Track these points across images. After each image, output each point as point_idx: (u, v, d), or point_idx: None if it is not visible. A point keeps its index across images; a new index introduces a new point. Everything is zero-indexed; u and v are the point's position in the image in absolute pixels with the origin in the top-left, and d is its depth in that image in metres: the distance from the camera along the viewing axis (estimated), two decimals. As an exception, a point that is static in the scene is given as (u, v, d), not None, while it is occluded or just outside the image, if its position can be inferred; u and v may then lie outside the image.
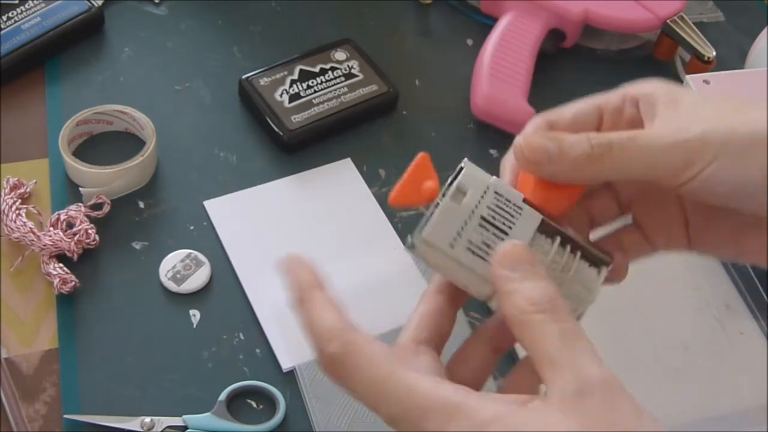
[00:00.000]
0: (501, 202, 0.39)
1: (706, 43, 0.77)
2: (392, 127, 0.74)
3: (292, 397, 0.57)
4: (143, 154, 0.66)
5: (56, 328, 0.59)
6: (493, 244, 0.38)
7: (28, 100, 0.72)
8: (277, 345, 0.59)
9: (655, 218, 0.44)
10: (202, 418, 0.55)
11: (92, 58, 0.76)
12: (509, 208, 0.39)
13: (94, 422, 0.54)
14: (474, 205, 0.38)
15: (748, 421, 0.58)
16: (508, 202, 0.39)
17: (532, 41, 0.76)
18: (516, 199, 0.39)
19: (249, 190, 0.68)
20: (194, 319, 0.61)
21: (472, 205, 0.38)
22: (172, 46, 0.78)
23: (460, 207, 0.38)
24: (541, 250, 0.39)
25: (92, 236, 0.62)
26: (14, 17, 0.73)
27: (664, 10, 0.78)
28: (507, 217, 0.39)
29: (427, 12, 0.84)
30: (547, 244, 0.39)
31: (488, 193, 0.39)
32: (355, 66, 0.74)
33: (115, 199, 0.65)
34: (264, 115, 0.71)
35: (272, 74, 0.73)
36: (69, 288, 0.60)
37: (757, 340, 0.62)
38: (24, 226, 0.61)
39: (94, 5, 0.76)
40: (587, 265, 0.40)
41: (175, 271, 0.62)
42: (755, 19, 0.86)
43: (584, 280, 0.40)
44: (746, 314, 0.63)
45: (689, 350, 0.61)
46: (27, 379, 0.56)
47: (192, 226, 0.66)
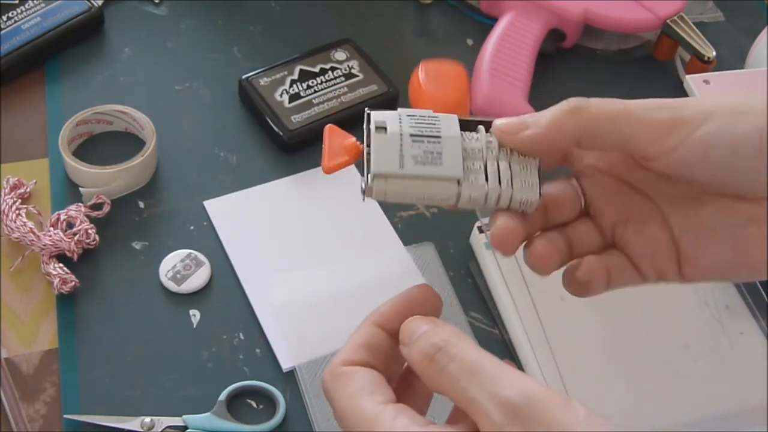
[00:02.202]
0: (417, 119, 0.41)
1: (706, 43, 0.77)
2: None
3: (292, 397, 0.57)
4: (143, 154, 0.66)
5: (56, 328, 0.59)
6: (433, 149, 0.40)
7: (28, 100, 0.72)
8: (277, 345, 0.59)
9: (639, 241, 0.42)
10: (202, 418, 0.55)
11: (92, 58, 0.76)
12: (428, 121, 0.41)
13: (94, 422, 0.54)
14: (398, 130, 0.40)
15: (748, 421, 0.58)
16: (422, 117, 0.41)
17: (532, 41, 0.76)
18: (426, 113, 0.42)
19: (249, 190, 0.68)
20: (194, 319, 0.61)
21: (397, 130, 0.40)
22: (172, 46, 0.78)
23: (388, 135, 0.40)
24: (471, 136, 0.41)
25: (92, 236, 0.62)
26: (14, 17, 0.74)
27: (664, 10, 0.78)
28: (431, 126, 0.41)
29: (427, 12, 0.84)
30: (472, 137, 0.41)
31: (403, 118, 0.41)
32: (355, 66, 0.74)
33: (115, 199, 0.65)
34: (264, 115, 0.71)
35: (272, 74, 0.73)
36: (69, 288, 0.60)
37: (757, 340, 0.62)
38: (24, 226, 0.61)
39: (94, 5, 0.76)
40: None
41: (175, 271, 0.62)
42: (755, 19, 0.86)
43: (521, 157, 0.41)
44: (746, 314, 0.63)
45: (689, 350, 0.61)
46: (27, 379, 0.56)
47: (192, 226, 0.66)
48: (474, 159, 0.40)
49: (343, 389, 0.38)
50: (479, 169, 0.40)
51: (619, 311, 0.62)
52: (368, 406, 0.36)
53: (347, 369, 0.39)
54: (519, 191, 0.40)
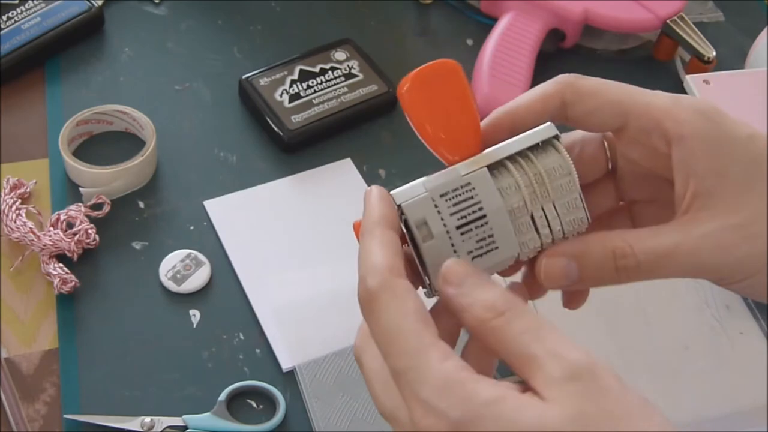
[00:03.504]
0: (452, 197, 0.38)
1: (706, 43, 0.77)
2: (392, 127, 0.74)
3: (292, 397, 0.57)
4: (143, 154, 0.66)
5: (56, 328, 0.59)
6: (484, 234, 0.38)
7: (28, 100, 0.72)
8: (277, 345, 0.59)
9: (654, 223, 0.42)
10: (202, 418, 0.55)
11: (92, 58, 0.76)
12: (464, 195, 0.38)
13: (94, 422, 0.54)
14: (443, 227, 0.37)
15: (748, 421, 0.58)
16: (455, 191, 0.38)
17: (532, 41, 0.76)
18: (456, 181, 0.38)
19: (249, 190, 0.68)
20: (194, 319, 0.61)
21: (442, 228, 0.37)
22: (172, 46, 0.78)
23: (436, 239, 0.37)
24: (508, 185, 0.38)
25: (92, 236, 0.62)
26: (14, 17, 0.73)
27: (664, 10, 0.78)
28: (471, 202, 0.38)
29: (427, 12, 0.84)
30: (507, 176, 0.39)
31: (439, 204, 0.38)
32: (355, 66, 0.74)
33: (115, 199, 0.65)
34: (264, 115, 0.71)
35: (272, 74, 0.73)
36: (69, 288, 0.60)
37: (757, 340, 0.62)
38: (24, 226, 0.61)
39: (94, 5, 0.76)
40: (544, 155, 0.39)
41: (175, 271, 0.62)
42: (755, 19, 0.86)
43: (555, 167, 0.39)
44: (746, 314, 0.63)
45: (689, 350, 0.61)
46: (27, 379, 0.56)
47: (192, 226, 0.66)
48: (520, 216, 0.39)
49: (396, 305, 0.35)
50: (528, 226, 0.39)
51: (619, 311, 0.62)
52: (423, 334, 0.34)
53: (403, 283, 0.35)
54: (568, 225, 0.39)
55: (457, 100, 0.39)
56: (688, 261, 0.38)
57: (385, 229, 0.37)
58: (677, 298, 0.63)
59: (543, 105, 0.40)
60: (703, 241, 0.37)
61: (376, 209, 0.38)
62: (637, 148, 0.41)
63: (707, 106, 0.39)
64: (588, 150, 0.43)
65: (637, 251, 0.38)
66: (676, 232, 0.38)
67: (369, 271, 0.36)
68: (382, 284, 0.35)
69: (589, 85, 0.40)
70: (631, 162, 0.42)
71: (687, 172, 0.38)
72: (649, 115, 0.39)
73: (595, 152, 0.43)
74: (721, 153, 0.38)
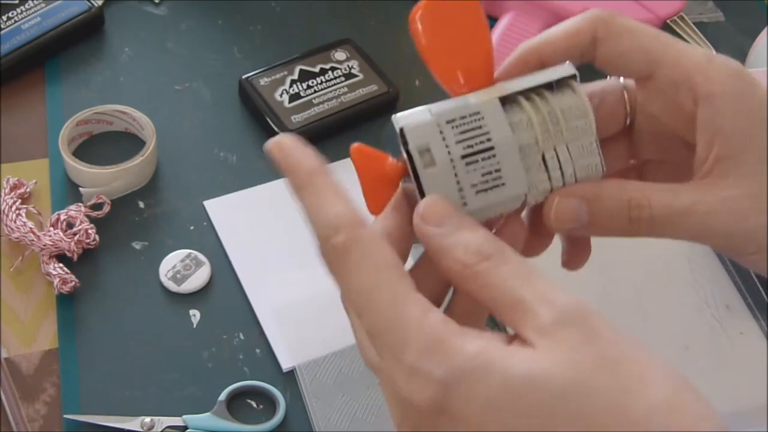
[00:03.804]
0: (460, 124, 0.35)
1: (706, 43, 0.77)
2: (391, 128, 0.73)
3: (292, 397, 0.57)
4: (143, 154, 0.66)
5: (56, 328, 0.59)
6: (491, 167, 0.35)
7: (28, 100, 0.72)
8: (277, 345, 0.59)
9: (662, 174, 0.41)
10: (202, 418, 0.55)
11: (92, 58, 0.76)
12: (472, 124, 0.35)
13: (94, 422, 0.54)
14: (447, 156, 0.35)
15: (748, 421, 0.58)
16: (464, 119, 0.35)
17: (532, 41, 0.76)
18: (463, 108, 0.35)
19: (249, 190, 0.68)
20: (194, 319, 0.61)
21: (446, 157, 0.35)
22: (172, 46, 0.78)
23: (438, 167, 0.35)
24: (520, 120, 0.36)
25: (92, 236, 0.62)
26: (14, 17, 0.73)
27: (664, 10, 0.78)
28: (478, 132, 0.35)
29: (427, 12, 0.84)
30: (519, 112, 0.36)
31: (444, 130, 0.35)
32: (355, 66, 0.74)
33: (115, 199, 0.65)
34: (264, 115, 0.71)
35: (272, 74, 0.73)
36: (69, 288, 0.60)
37: (757, 340, 0.62)
38: (24, 226, 0.61)
39: (94, 5, 0.76)
40: (561, 95, 0.37)
41: (175, 271, 0.62)
42: (755, 19, 0.86)
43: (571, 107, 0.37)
44: (746, 314, 0.63)
45: (689, 350, 0.61)
46: (27, 379, 0.56)
47: (192, 226, 0.66)
48: (531, 155, 0.36)
49: (371, 259, 0.32)
50: (539, 166, 0.36)
51: (618, 311, 0.62)
52: (398, 286, 0.32)
53: (368, 233, 0.33)
54: (581, 170, 0.37)
55: (471, 32, 0.37)
56: (702, 223, 0.36)
57: (325, 177, 0.34)
58: (677, 298, 0.63)
59: (574, 40, 0.38)
60: (722, 206, 0.36)
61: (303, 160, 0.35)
62: (660, 102, 0.39)
63: (740, 68, 0.37)
64: (607, 102, 0.41)
65: (653, 204, 0.36)
66: (696, 191, 0.36)
67: (332, 225, 0.33)
68: (350, 238, 0.33)
69: (624, 24, 0.38)
70: (651, 117, 0.40)
71: (712, 132, 0.36)
72: (681, 67, 0.37)
73: (614, 105, 0.41)
74: (751, 116, 0.36)
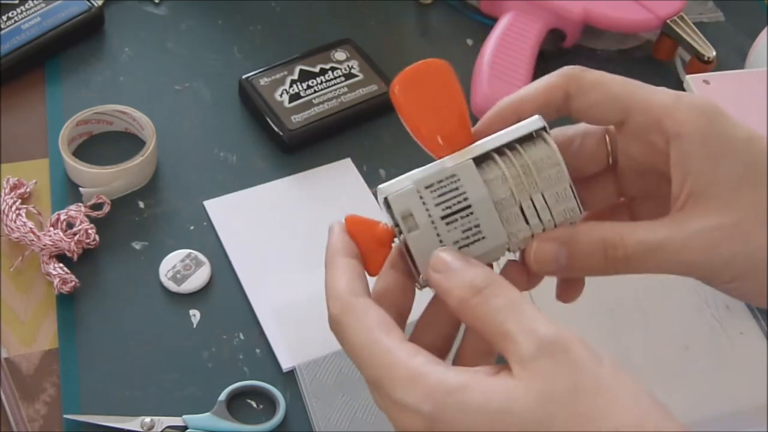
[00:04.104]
0: (437, 188, 0.39)
1: (706, 43, 0.77)
2: (392, 127, 0.74)
3: (292, 397, 0.57)
4: (143, 154, 0.66)
5: (56, 328, 0.59)
6: (470, 224, 0.38)
7: (28, 100, 0.72)
8: (277, 345, 0.59)
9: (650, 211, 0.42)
10: (202, 418, 0.55)
11: (92, 58, 0.76)
12: (448, 186, 0.39)
13: (94, 422, 0.54)
14: (428, 218, 0.38)
15: (748, 421, 0.58)
16: (441, 183, 0.39)
17: (532, 41, 0.76)
18: (440, 173, 0.39)
19: (249, 190, 0.68)
20: (194, 319, 0.61)
21: (427, 219, 0.38)
22: (172, 46, 0.78)
23: (421, 230, 0.38)
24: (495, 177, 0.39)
25: (92, 236, 0.62)
26: (14, 17, 0.74)
27: (664, 10, 0.78)
28: (455, 193, 0.38)
29: (427, 12, 0.84)
30: (494, 168, 0.39)
31: (424, 195, 0.38)
32: (355, 66, 0.74)
33: (115, 199, 0.65)
34: (264, 115, 0.71)
35: (272, 74, 0.73)
36: (69, 288, 0.60)
37: (757, 340, 0.62)
38: (24, 226, 0.61)
39: (94, 5, 0.76)
40: (533, 147, 0.39)
41: (175, 271, 0.62)
42: (755, 19, 0.86)
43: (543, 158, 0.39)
44: (746, 314, 0.63)
45: (689, 350, 0.61)
46: (27, 379, 0.56)
47: (192, 226, 0.66)
48: (508, 207, 0.39)
49: (359, 323, 0.37)
50: (517, 216, 0.39)
51: (619, 312, 0.62)
52: (386, 342, 0.36)
53: (360, 301, 0.37)
54: (559, 215, 0.39)
55: (445, 96, 0.40)
56: (676, 257, 0.38)
57: (343, 257, 0.39)
58: (677, 298, 0.63)
59: (547, 96, 0.41)
60: (692, 238, 0.37)
61: (336, 241, 0.40)
62: (636, 144, 0.41)
63: (707, 105, 0.39)
64: (589, 143, 0.43)
65: (627, 243, 0.38)
66: (668, 227, 0.38)
67: (330, 298, 0.38)
68: (342, 308, 0.37)
69: (592, 77, 0.41)
70: (631, 157, 0.42)
71: (683, 170, 0.38)
72: (649, 111, 0.39)
73: (596, 145, 0.43)
74: (718, 154, 0.38)
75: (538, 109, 0.40)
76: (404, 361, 0.35)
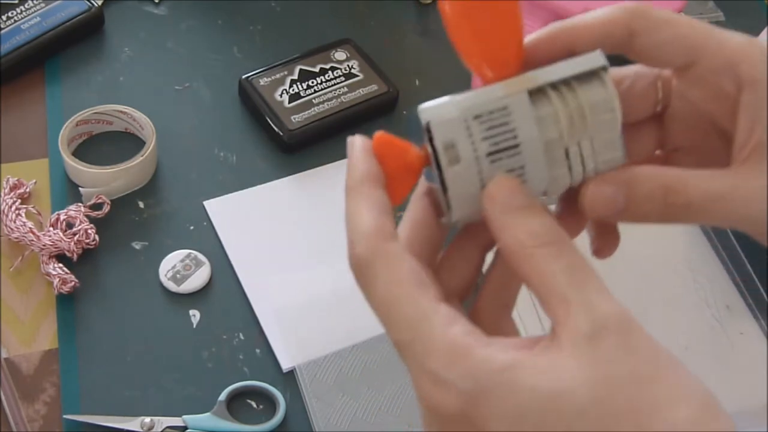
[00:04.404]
0: (486, 120, 0.34)
1: (706, 43, 0.77)
2: (392, 127, 0.74)
3: (292, 397, 0.57)
4: (143, 154, 0.66)
5: (56, 328, 0.59)
6: (515, 164, 0.35)
7: (28, 100, 0.72)
8: (277, 345, 0.59)
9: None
10: (202, 418, 0.55)
11: (92, 58, 0.76)
12: (498, 119, 0.34)
13: (94, 422, 0.54)
14: (473, 153, 0.34)
15: (748, 421, 0.58)
16: (490, 114, 0.34)
17: (532, 41, 0.76)
18: (492, 102, 0.35)
19: (249, 190, 0.68)
20: (194, 319, 0.61)
21: (472, 154, 0.34)
22: (172, 46, 0.78)
23: (463, 165, 0.34)
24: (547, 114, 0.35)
25: (92, 236, 0.62)
26: (14, 17, 0.73)
27: (664, 10, 0.78)
28: (506, 129, 0.34)
29: (427, 12, 0.84)
30: (546, 105, 0.35)
31: (471, 125, 0.34)
32: (355, 66, 0.74)
33: (115, 199, 0.65)
34: (264, 115, 0.71)
35: (272, 74, 0.73)
36: (69, 288, 0.60)
37: (757, 340, 0.62)
38: (24, 226, 0.61)
39: (94, 5, 0.76)
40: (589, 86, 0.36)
41: (175, 271, 0.62)
42: (755, 19, 0.86)
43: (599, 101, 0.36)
44: (746, 314, 0.63)
45: (689, 350, 0.61)
46: (27, 379, 0.56)
47: (192, 226, 0.66)
48: (555, 149, 0.35)
49: (389, 273, 0.32)
50: (561, 161, 0.36)
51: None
52: (422, 302, 0.32)
53: (393, 247, 0.33)
54: (603, 164, 0.36)
55: (502, 15, 0.36)
56: (739, 209, 0.36)
57: (371, 187, 0.35)
58: (677, 298, 0.63)
59: (607, 28, 0.38)
60: (760, 192, 0.35)
61: (360, 164, 0.36)
62: (701, 89, 0.38)
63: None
64: (638, 86, 0.40)
65: (689, 190, 0.36)
66: (734, 178, 0.36)
67: (357, 236, 0.34)
68: (371, 251, 0.33)
69: (662, 14, 0.37)
70: (689, 103, 0.39)
71: (754, 118, 0.36)
72: (723, 54, 0.37)
73: (646, 90, 0.40)
74: None
75: (596, 41, 0.37)
76: (442, 331, 0.31)
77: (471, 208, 0.35)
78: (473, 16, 0.36)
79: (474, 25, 0.36)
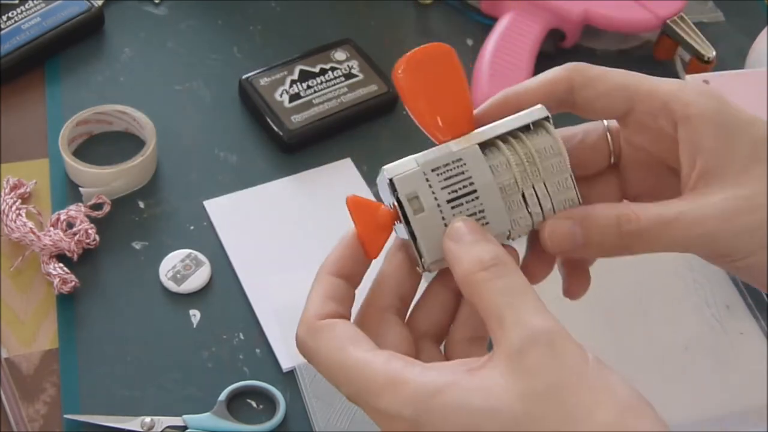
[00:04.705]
0: (443, 171, 0.38)
1: (706, 43, 0.77)
2: (392, 127, 0.74)
3: (292, 397, 0.57)
4: (143, 154, 0.66)
5: (56, 328, 0.59)
6: (475, 209, 0.38)
7: (28, 100, 0.72)
8: (277, 345, 0.59)
9: None
10: (202, 418, 0.55)
11: (92, 58, 0.76)
12: (455, 170, 0.38)
13: (94, 422, 0.54)
14: (434, 201, 0.38)
15: (748, 421, 0.58)
16: (447, 167, 0.38)
17: (532, 41, 0.76)
18: (446, 156, 0.39)
19: (249, 190, 0.68)
20: (194, 319, 0.61)
21: (433, 202, 0.38)
22: (172, 46, 0.78)
23: (426, 213, 0.38)
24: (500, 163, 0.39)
25: (92, 236, 0.62)
26: (14, 17, 0.73)
27: (664, 10, 0.78)
28: (461, 177, 0.38)
29: (427, 12, 0.84)
30: (498, 155, 0.39)
31: (430, 177, 0.38)
32: (355, 66, 0.74)
33: (115, 199, 0.65)
34: (264, 115, 0.71)
35: (272, 74, 0.73)
36: (69, 288, 0.60)
37: (757, 340, 0.62)
38: (24, 226, 0.61)
39: (94, 5, 0.76)
40: (536, 136, 0.40)
41: (175, 271, 0.62)
42: (755, 19, 0.86)
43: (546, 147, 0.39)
44: (746, 314, 0.63)
45: (689, 350, 0.61)
46: (27, 379, 0.56)
47: (192, 226, 0.66)
48: (511, 194, 0.39)
49: (327, 343, 0.36)
50: (519, 204, 0.39)
51: (619, 311, 0.62)
52: (358, 355, 0.35)
53: (325, 322, 0.37)
54: (559, 204, 0.40)
55: (449, 81, 0.40)
56: (692, 230, 0.38)
57: (326, 273, 0.39)
58: (677, 298, 0.63)
59: (550, 88, 0.41)
60: (709, 210, 0.38)
61: (331, 254, 0.40)
62: (642, 133, 0.41)
63: (711, 90, 0.40)
64: (589, 140, 0.43)
65: (641, 217, 0.38)
66: (683, 202, 0.38)
67: (300, 320, 0.38)
68: (307, 331, 0.37)
69: (597, 70, 0.41)
70: (636, 148, 0.42)
71: (694, 151, 0.39)
72: (656, 97, 0.40)
73: (597, 142, 0.43)
74: (727, 132, 0.39)
75: (540, 101, 0.40)
76: (381, 369, 0.34)
77: (441, 252, 0.38)
78: (424, 85, 0.40)
79: (425, 93, 0.40)
